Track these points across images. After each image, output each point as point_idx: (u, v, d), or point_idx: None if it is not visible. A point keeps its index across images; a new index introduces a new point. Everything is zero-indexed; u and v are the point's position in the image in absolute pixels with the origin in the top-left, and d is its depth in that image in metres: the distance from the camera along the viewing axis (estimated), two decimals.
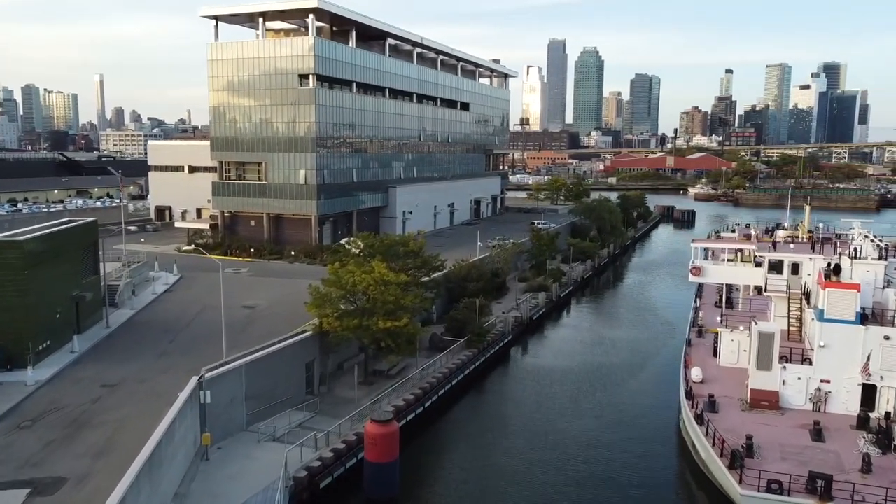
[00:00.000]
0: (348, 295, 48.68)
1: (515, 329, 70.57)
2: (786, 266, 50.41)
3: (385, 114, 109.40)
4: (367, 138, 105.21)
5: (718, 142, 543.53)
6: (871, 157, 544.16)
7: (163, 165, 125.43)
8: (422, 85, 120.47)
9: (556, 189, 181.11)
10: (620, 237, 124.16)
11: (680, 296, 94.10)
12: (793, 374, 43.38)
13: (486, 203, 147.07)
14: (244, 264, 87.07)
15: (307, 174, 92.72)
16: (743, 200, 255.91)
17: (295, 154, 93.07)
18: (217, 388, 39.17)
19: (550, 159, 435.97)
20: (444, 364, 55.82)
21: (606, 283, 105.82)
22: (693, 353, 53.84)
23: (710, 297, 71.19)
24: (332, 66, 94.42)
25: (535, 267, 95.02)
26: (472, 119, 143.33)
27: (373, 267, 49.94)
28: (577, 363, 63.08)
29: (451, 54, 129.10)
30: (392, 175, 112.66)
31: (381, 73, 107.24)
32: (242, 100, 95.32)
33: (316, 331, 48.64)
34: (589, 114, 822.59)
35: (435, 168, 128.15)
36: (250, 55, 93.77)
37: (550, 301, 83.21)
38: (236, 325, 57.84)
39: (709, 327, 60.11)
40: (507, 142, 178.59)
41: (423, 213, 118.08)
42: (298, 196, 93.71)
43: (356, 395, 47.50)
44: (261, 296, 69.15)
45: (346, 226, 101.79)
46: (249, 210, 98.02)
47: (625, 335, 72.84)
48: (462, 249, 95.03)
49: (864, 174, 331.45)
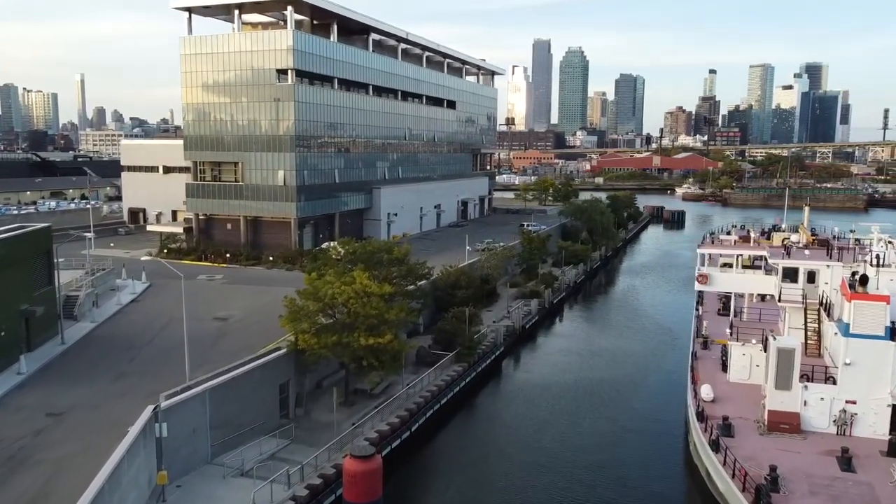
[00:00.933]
0: (327, 308, 44.25)
1: (507, 339, 66.46)
2: (801, 274, 46.65)
3: (369, 111, 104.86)
4: (350, 137, 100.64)
5: (703, 142, 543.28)
6: (853, 156, 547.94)
7: (136, 166, 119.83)
8: (407, 82, 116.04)
9: (544, 189, 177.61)
10: (612, 239, 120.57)
11: (677, 301, 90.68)
12: (815, 395, 39.57)
13: (474, 204, 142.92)
14: (219, 270, 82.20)
15: (286, 175, 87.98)
16: (731, 200, 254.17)
17: (273, 154, 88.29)
18: (176, 418, 34.61)
19: (536, 159, 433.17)
20: (431, 381, 51.52)
21: (600, 287, 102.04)
22: (700, 367, 49.96)
23: (711, 304, 67.46)
24: (313, 61, 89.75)
25: (526, 271, 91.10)
26: (459, 118, 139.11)
27: (353, 277, 45.56)
28: (573, 378, 58.95)
29: (437, 50, 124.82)
30: (376, 175, 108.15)
31: (365, 69, 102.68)
32: (217, 97, 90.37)
33: (291, 348, 44.18)
34: (574, 114, 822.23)
35: (421, 168, 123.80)
36: (226, 49, 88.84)
37: (543, 308, 79.22)
38: (205, 339, 53.18)
39: (715, 338, 56.38)
40: (495, 141, 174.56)
41: (409, 214, 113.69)
42: (277, 198, 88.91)
43: (336, 419, 43.09)
44: (235, 305, 64.44)
45: (327, 229, 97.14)
46: (225, 213, 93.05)
47: (623, 345, 68.94)
48: (449, 253, 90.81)
49: (850, 174, 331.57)
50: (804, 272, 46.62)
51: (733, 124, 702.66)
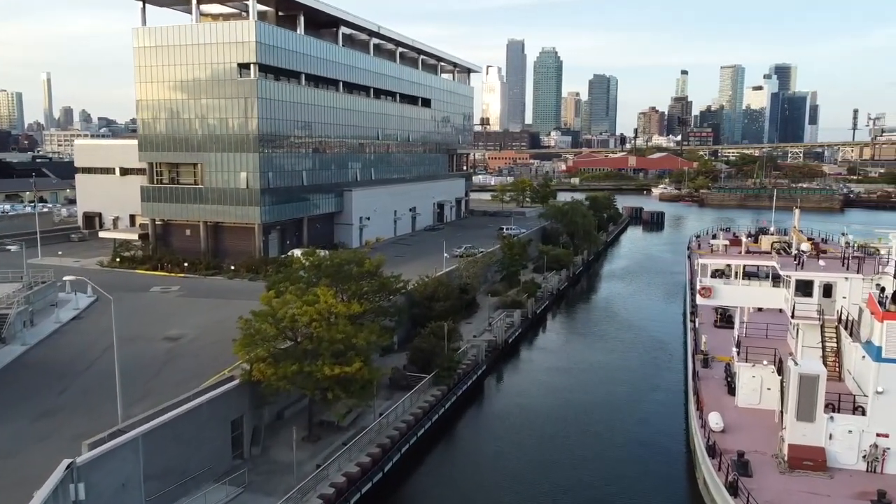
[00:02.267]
0: (286, 332, 38.58)
1: (489, 355, 61.26)
2: (816, 287, 42.12)
3: (339, 109, 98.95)
4: (319, 136, 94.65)
5: (677, 142, 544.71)
6: (823, 156, 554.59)
7: (92, 167, 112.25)
8: (379, 79, 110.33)
9: (521, 191, 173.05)
10: (594, 243, 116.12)
11: (664, 308, 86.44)
12: (842, 427, 35.02)
13: (450, 206, 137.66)
14: (176, 281, 75.80)
15: (249, 177, 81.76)
16: (708, 201, 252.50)
17: (235, 154, 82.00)
18: (100, 474, 28.79)
19: (512, 159, 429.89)
20: (407, 409, 46.08)
21: (583, 294, 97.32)
22: (704, 390, 45.28)
23: (707, 314, 62.99)
24: (277, 54, 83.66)
25: (507, 278, 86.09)
26: (434, 116, 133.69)
27: (317, 295, 39.93)
28: (561, 401, 53.73)
29: (411, 46, 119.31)
30: (347, 177, 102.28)
31: (334, 64, 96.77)
32: (174, 93, 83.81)
33: (245, 378, 38.43)
34: (548, 114, 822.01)
35: (394, 169, 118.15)
36: (182, 42, 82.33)
37: (526, 318, 74.20)
38: (151, 364, 47.23)
39: (716, 355, 51.85)
40: (471, 141, 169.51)
41: (382, 218, 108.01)
42: (239, 202, 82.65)
43: (297, 459, 37.50)
44: (189, 322, 58.37)
45: (295, 234, 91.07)
46: (184, 218, 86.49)
47: (612, 361, 64.07)
48: (425, 260, 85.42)
49: (823, 174, 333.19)
50: (820, 285, 42.09)
51: (706, 124, 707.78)
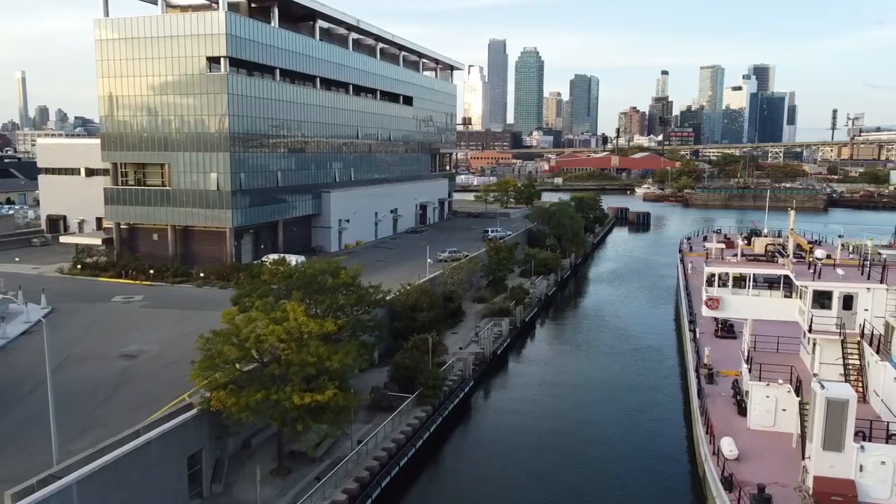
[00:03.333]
0: (250, 354, 34.19)
1: (477, 369, 57.22)
2: (836, 298, 38.62)
3: (316, 107, 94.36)
4: (295, 135, 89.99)
5: (658, 142, 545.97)
6: (802, 156, 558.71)
7: (56, 168, 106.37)
8: (359, 75, 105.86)
9: (505, 191, 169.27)
10: (582, 245, 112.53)
11: (656, 315, 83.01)
12: (874, 457, 31.40)
13: (433, 208, 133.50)
14: (140, 289, 70.82)
15: (220, 178, 76.96)
16: (692, 201, 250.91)
17: (204, 154, 77.15)
18: None
19: (494, 159, 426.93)
20: (388, 434, 41.87)
21: (572, 300, 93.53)
22: (711, 410, 41.56)
23: (707, 323, 59.37)
24: (250, 48, 78.94)
25: (493, 284, 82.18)
26: (416, 115, 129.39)
27: (286, 311, 35.57)
28: (555, 422, 49.51)
29: (392, 42, 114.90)
30: (325, 178, 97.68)
31: (311, 59, 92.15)
32: (139, 88, 78.78)
33: (204, 406, 33.98)
34: (530, 114, 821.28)
35: (375, 170, 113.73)
36: (148, 34, 77.35)
37: (514, 327, 70.27)
38: (103, 387, 42.59)
39: (721, 370, 48.27)
40: (455, 140, 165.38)
41: (362, 221, 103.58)
42: (209, 204, 77.84)
43: (264, 497, 33.20)
44: (151, 337, 53.67)
45: (270, 238, 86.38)
46: (151, 222, 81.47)
47: (607, 374, 60.21)
48: (408, 265, 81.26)
49: (805, 173, 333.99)
50: (839, 296, 38.59)
51: (687, 124, 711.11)
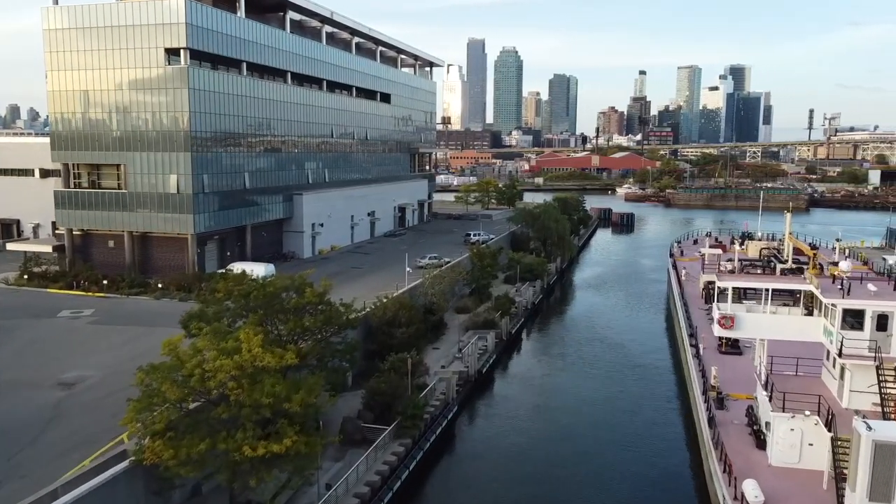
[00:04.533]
0: (193, 394, 28.75)
1: (461, 390, 52.14)
2: (868, 318, 34.20)
3: (287, 103, 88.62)
4: (264, 134, 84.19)
5: (637, 141, 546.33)
6: (778, 155, 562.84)
7: (7, 169, 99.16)
8: (333, 70, 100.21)
9: (486, 192, 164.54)
10: (569, 249, 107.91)
11: (650, 325, 78.54)
12: None
13: (412, 210, 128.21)
14: (92, 302, 64.63)
15: (180, 180, 71.00)
16: (674, 201, 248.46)
17: (163, 154, 71.14)
18: None
19: (474, 159, 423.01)
20: (362, 475, 36.59)
21: (559, 309, 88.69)
22: (726, 443, 36.89)
23: (710, 337, 54.82)
24: (213, 39, 73.06)
25: (477, 292, 77.26)
26: (395, 113, 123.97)
27: (239, 340, 30.17)
28: (550, 453, 44.25)
29: (368, 36, 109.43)
30: (298, 179, 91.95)
31: (282, 52, 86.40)
32: (92, 83, 72.48)
33: (138, 458, 28.45)
34: (509, 113, 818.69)
35: (351, 170, 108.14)
36: (101, 23, 71.10)
37: (500, 340, 65.31)
38: (31, 423, 36.88)
39: (730, 392, 43.73)
40: (435, 140, 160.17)
41: (338, 224, 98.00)
42: (169, 208, 71.84)
43: None
44: (96, 360, 47.85)
45: (237, 245, 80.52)
46: (106, 227, 75.17)
47: (603, 395, 55.26)
48: (386, 272, 76.07)
49: (785, 173, 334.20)
50: (872, 316, 34.17)
51: (665, 124, 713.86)
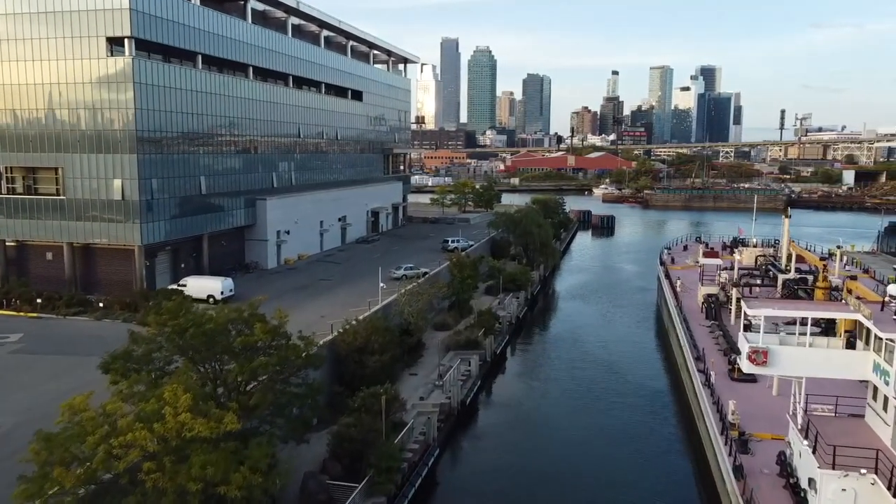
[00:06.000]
0: (96, 476, 21.91)
1: (443, 426, 45.75)
2: None
3: (249, 100, 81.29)
4: (224, 134, 76.80)
5: (612, 141, 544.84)
6: (749, 155, 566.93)
7: None
8: (300, 65, 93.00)
9: (463, 194, 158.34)
10: (552, 256, 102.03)
11: (643, 342, 72.96)
12: None
13: (387, 214, 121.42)
14: (23, 324, 57.00)
15: (125, 185, 63.39)
16: (652, 202, 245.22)
17: (106, 156, 63.44)
18: None
19: (449, 159, 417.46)
20: None
21: (545, 322, 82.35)
22: (760, 500, 31.11)
23: (719, 362, 49.21)
24: (163, 28, 65.57)
25: (457, 306, 71.00)
26: (367, 111, 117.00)
27: (163, 399, 23.36)
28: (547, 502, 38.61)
29: (338, 28, 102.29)
30: (261, 183, 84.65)
31: (242, 44, 79.08)
32: (25, 76, 64.48)
33: None
34: (483, 113, 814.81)
35: (320, 173, 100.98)
36: (34, 8, 63.03)
37: (484, 362, 59.08)
38: None
39: (754, 431, 38.00)
40: (409, 139, 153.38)
41: (306, 231, 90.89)
42: (113, 217, 64.21)
43: None
44: (13, 401, 40.64)
45: (192, 256, 73.05)
46: (43, 238, 67.20)
47: (603, 431, 48.71)
48: (357, 285, 69.45)
49: (760, 173, 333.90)
50: None
51: (638, 124, 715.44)
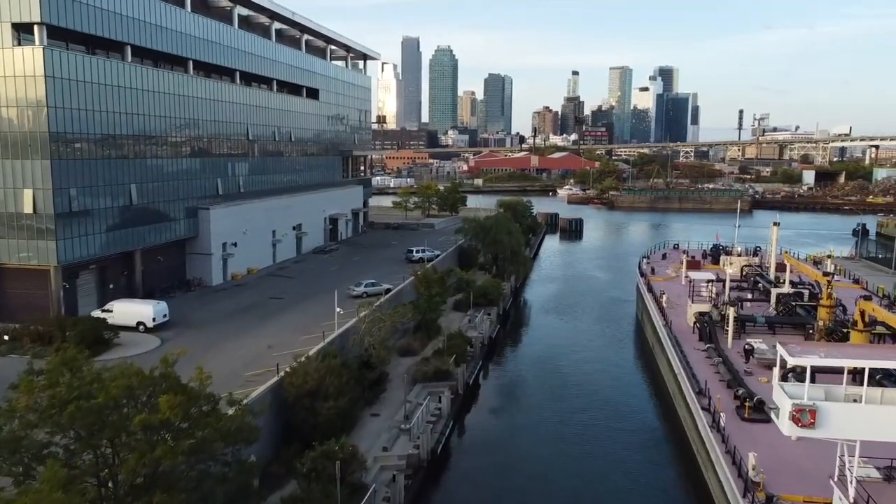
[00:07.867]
0: None
1: (411, 484, 38.66)
2: None
3: (189, 98, 72.76)
4: (158, 136, 68.14)
5: (573, 141, 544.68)
6: (708, 155, 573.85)
7: None
8: (248, 59, 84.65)
9: (427, 197, 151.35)
10: (523, 266, 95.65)
11: (623, 361, 67.15)
12: None
13: (346, 220, 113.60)
14: None
15: (38, 196, 54.50)
16: (618, 203, 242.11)
17: (13, 162, 54.49)
18: None
19: (411, 159, 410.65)
20: None
21: (519, 342, 75.06)
22: None
23: (725, 398, 43.31)
24: (82, 14, 56.84)
25: (424, 327, 63.89)
26: (324, 111, 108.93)
27: None
28: None
29: (291, 20, 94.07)
30: (205, 190, 76.15)
31: (180, 35, 70.52)
32: None
33: None
34: (445, 112, 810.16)
35: (272, 178, 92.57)
36: None
37: (456, 395, 52.17)
38: None
39: (781, 493, 31.89)
40: (370, 141, 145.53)
41: (256, 242, 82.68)
42: (23, 233, 55.27)
43: None
44: None
45: (123, 274, 64.30)
46: None
47: (595, 484, 42.86)
48: (312, 305, 62.03)
49: (722, 173, 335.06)
50: None
51: (599, 124, 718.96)
